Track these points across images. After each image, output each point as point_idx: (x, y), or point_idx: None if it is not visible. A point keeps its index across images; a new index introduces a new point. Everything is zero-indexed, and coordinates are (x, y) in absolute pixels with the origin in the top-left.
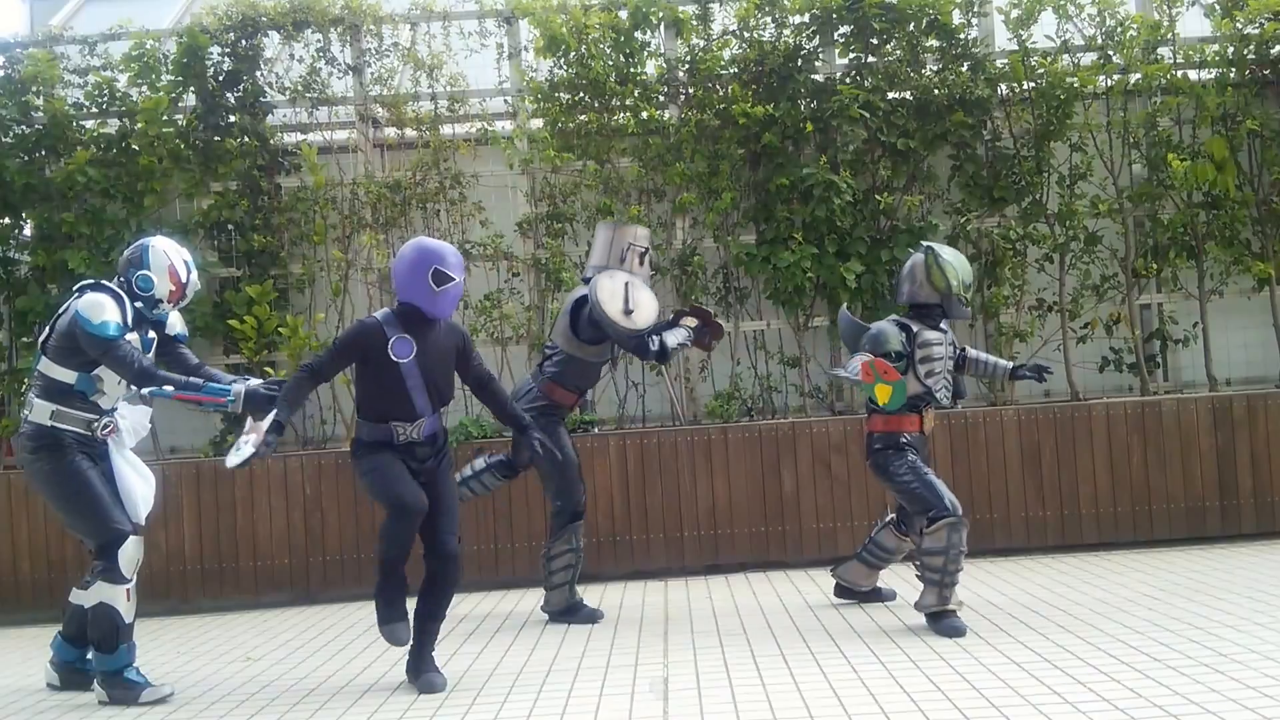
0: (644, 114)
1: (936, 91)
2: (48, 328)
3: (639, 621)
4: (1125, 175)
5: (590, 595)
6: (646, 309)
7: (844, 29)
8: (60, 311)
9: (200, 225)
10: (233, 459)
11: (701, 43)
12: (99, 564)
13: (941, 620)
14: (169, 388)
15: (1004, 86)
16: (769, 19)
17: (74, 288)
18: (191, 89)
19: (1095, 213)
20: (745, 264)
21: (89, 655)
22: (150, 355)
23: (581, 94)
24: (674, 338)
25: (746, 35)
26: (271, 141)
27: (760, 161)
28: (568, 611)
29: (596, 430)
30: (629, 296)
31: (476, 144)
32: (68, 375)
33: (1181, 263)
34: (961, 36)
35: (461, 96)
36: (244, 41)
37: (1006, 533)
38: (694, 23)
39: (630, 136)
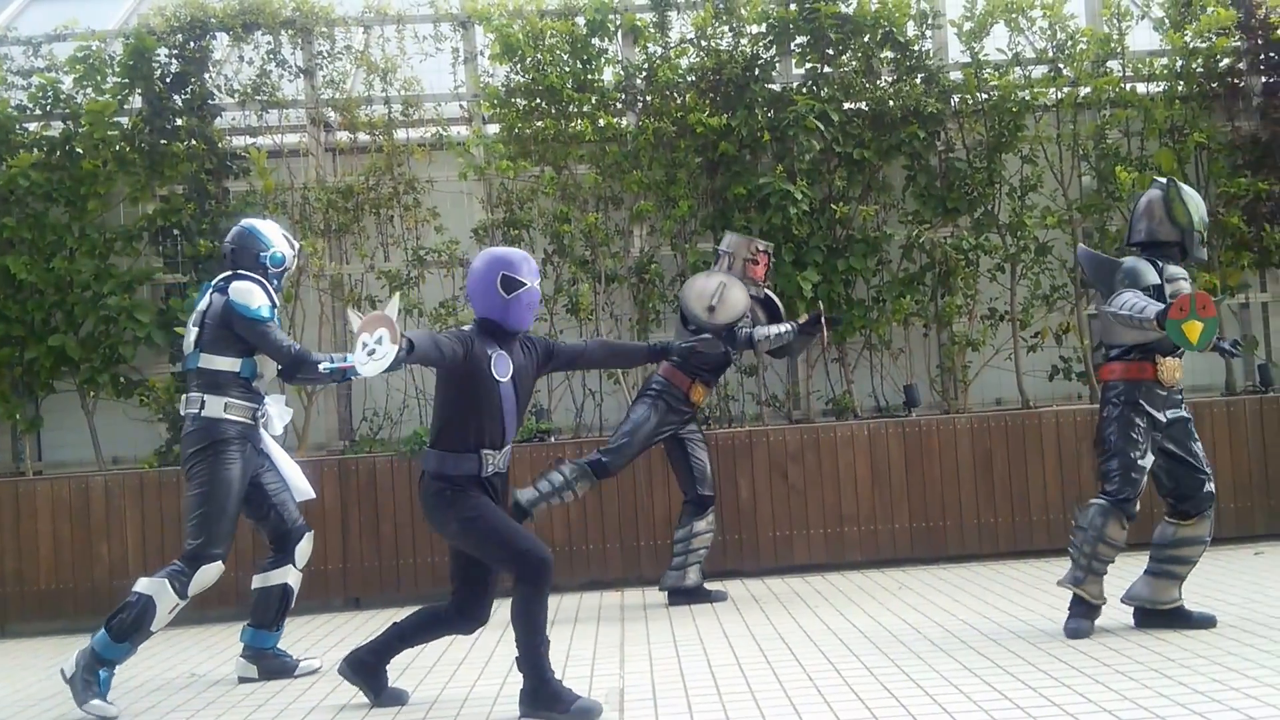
0: (601, 121)
1: (891, 103)
2: (195, 328)
3: (595, 632)
4: (1075, 187)
5: None
6: (731, 306)
7: (800, 39)
8: (203, 310)
9: (145, 230)
10: (371, 366)
11: (659, 50)
12: (177, 565)
13: (1073, 616)
14: (323, 365)
15: (957, 98)
16: (726, 28)
17: (211, 283)
18: (138, 91)
19: (1045, 224)
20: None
21: (274, 638)
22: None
23: (538, 100)
24: (764, 330)
25: (704, 44)
26: (219, 145)
27: (717, 170)
28: (691, 593)
29: (553, 439)
30: (716, 294)
31: (431, 149)
32: (232, 364)
33: None
34: (915, 49)
35: (416, 101)
36: (192, 43)
37: (959, 539)
38: (651, 30)
39: (587, 144)
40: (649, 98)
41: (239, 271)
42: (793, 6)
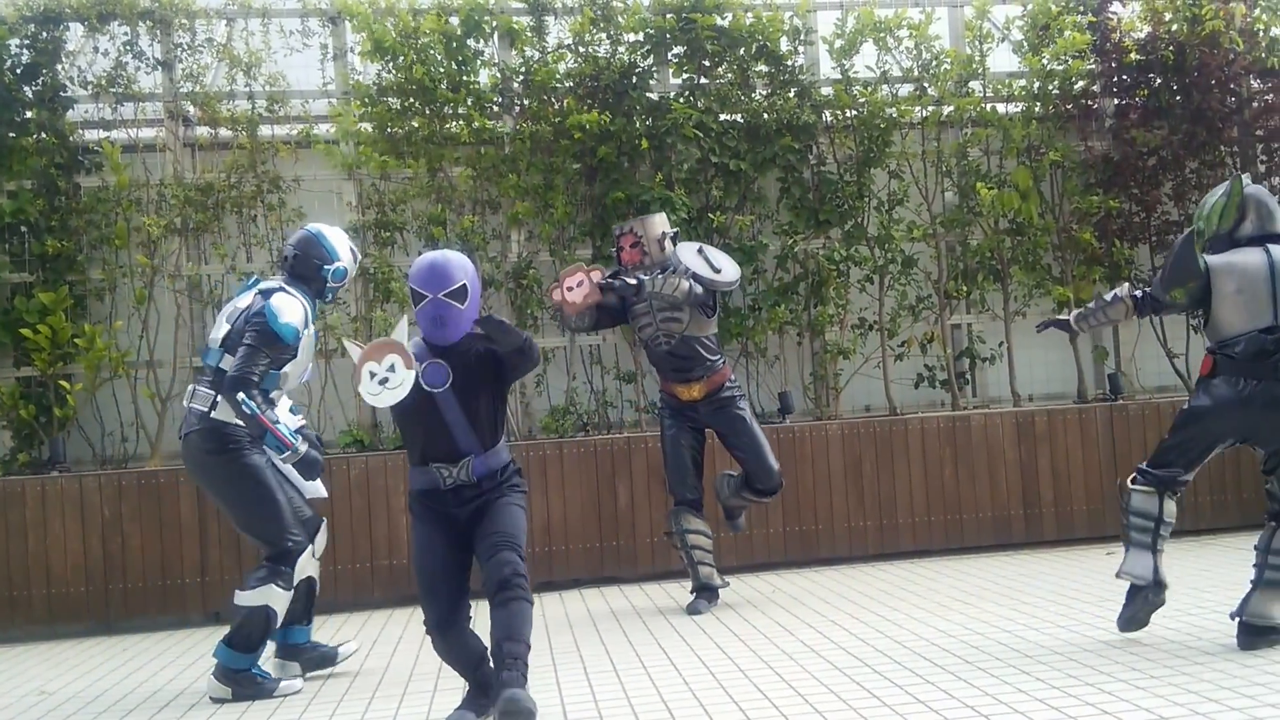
0: (477, 123)
1: (766, 116)
2: (226, 324)
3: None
4: (938, 202)
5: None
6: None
7: (677, 50)
8: (242, 310)
9: None
10: (385, 396)
11: (536, 54)
12: (267, 568)
13: None
14: (250, 406)
15: (828, 113)
16: (604, 35)
17: (256, 286)
18: None
19: (911, 237)
20: None
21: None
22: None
23: (411, 99)
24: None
25: (582, 50)
26: (71, 138)
27: (596, 176)
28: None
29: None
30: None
31: (298, 146)
32: None
33: (989, 286)
34: (789, 64)
35: (282, 97)
36: (45, 33)
37: (830, 542)
38: (528, 34)
39: (463, 146)
40: (526, 101)
41: (294, 280)
42: (670, 16)
